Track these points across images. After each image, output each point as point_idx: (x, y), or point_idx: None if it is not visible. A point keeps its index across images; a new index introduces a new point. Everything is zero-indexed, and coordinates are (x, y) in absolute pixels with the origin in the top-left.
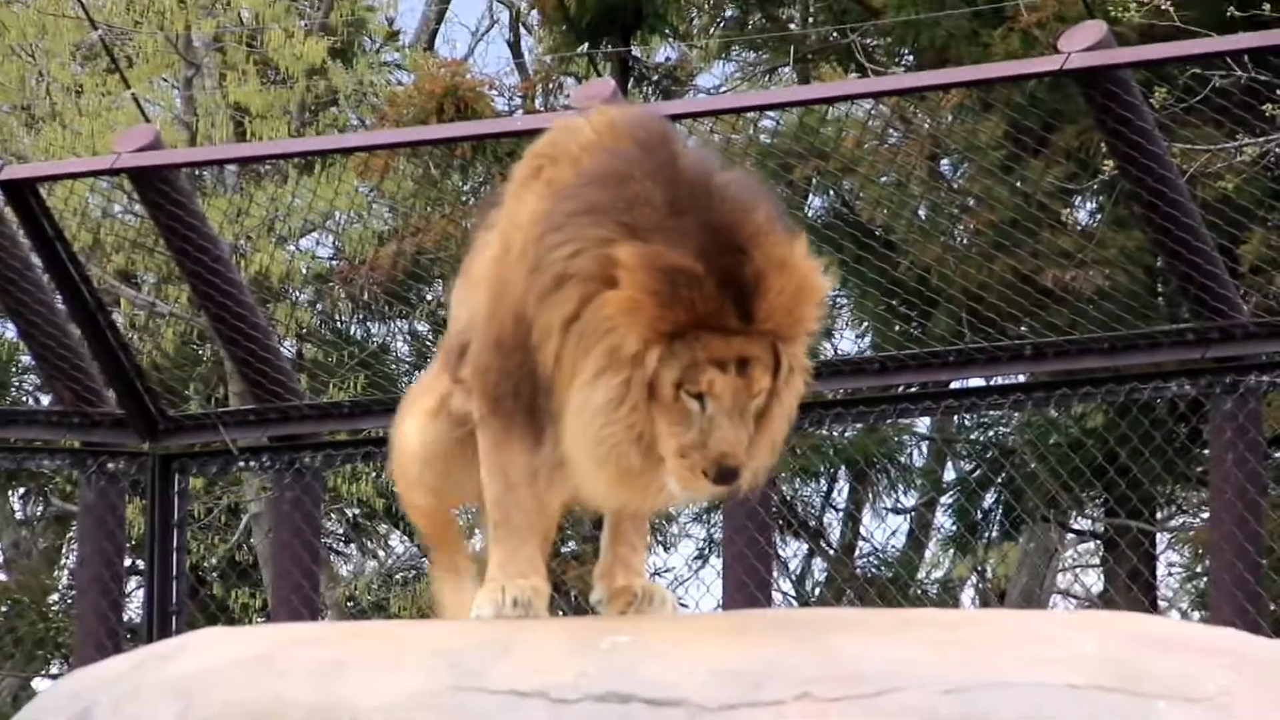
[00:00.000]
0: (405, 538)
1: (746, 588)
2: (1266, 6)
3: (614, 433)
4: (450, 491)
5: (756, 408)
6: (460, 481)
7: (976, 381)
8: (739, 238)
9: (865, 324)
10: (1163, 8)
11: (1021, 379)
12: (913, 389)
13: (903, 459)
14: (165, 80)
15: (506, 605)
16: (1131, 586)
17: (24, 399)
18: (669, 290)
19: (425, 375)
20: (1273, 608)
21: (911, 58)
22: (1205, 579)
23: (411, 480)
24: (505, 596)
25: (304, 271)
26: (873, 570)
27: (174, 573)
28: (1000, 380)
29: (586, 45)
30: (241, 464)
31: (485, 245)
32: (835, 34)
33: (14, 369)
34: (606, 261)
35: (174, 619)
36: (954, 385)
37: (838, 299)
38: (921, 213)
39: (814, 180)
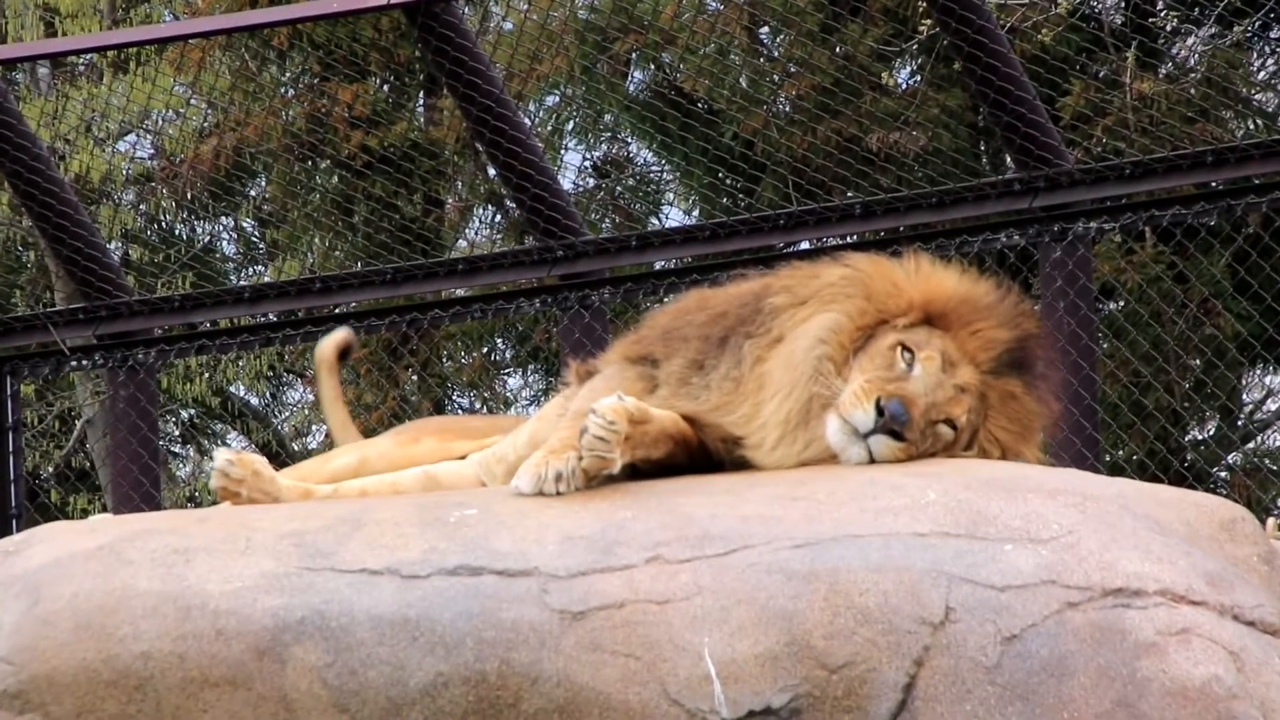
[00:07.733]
0: (243, 436)
1: None
2: None
3: (820, 354)
4: None
5: (947, 414)
6: None
7: (806, 245)
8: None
9: (692, 198)
10: None
11: (852, 239)
12: (744, 254)
13: None
14: None
15: (548, 480)
16: None
17: None
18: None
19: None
20: (1108, 455)
21: None
22: None
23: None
24: (548, 469)
25: (125, 173)
26: None
27: (11, 476)
28: (831, 241)
29: None
30: (74, 363)
31: None
32: None
33: None
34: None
35: (14, 523)
36: (784, 249)
37: (663, 174)
38: (743, 82)
39: (634, 55)
